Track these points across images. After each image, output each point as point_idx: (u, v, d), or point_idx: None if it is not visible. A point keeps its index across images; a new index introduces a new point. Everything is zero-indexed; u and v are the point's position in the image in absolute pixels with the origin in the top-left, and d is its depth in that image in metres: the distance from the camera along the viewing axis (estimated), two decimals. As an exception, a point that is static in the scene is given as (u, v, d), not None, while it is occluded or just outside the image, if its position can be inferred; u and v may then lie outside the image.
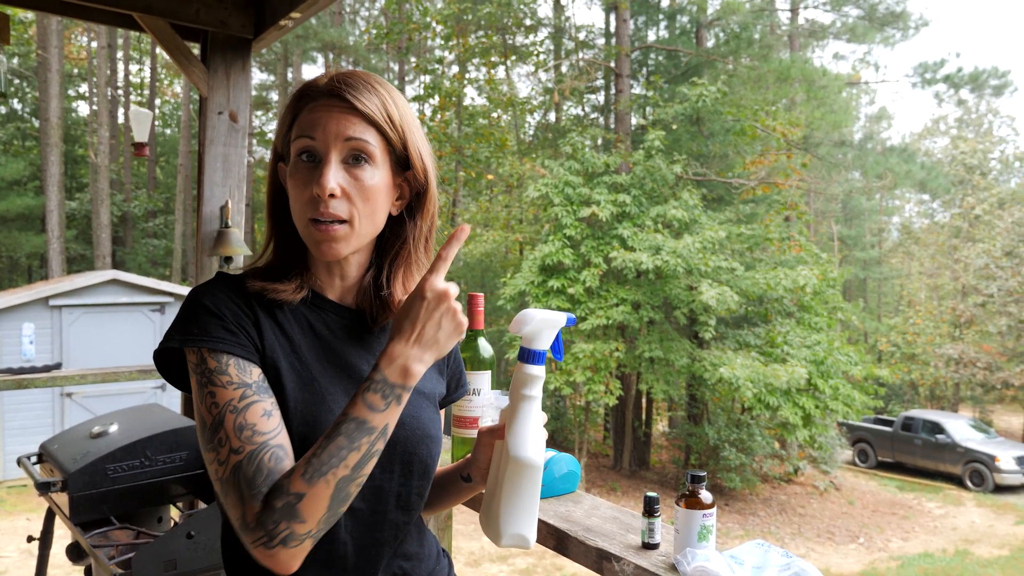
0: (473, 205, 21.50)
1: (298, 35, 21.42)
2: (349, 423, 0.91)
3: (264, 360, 1.00)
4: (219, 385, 0.94)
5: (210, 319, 0.98)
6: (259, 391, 0.96)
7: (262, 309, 1.03)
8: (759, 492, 14.52)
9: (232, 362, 0.96)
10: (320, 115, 0.99)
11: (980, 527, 13.38)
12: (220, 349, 0.96)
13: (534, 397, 1.02)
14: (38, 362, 9.72)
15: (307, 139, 1.00)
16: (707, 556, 1.08)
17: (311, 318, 1.08)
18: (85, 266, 21.74)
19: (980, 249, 24.28)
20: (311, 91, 1.02)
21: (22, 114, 24.63)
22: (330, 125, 0.99)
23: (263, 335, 1.01)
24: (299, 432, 0.99)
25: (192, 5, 3.02)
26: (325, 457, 0.89)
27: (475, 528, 10.28)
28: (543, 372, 1.03)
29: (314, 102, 1.01)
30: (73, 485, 2.25)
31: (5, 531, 8.02)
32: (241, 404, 0.93)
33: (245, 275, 1.06)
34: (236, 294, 1.02)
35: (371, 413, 0.91)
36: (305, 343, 1.05)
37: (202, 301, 0.99)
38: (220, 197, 3.29)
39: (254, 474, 0.89)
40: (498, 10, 17.45)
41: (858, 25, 19.29)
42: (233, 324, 0.98)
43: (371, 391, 0.92)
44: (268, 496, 0.88)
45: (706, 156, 15.48)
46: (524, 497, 1.01)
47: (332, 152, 0.99)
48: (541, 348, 1.03)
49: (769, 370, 12.15)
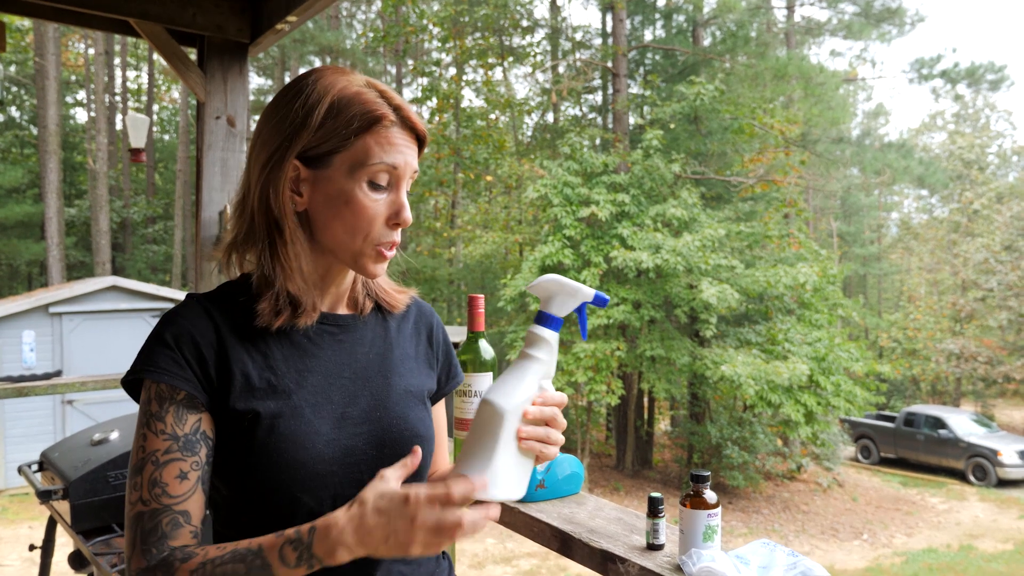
0: (472, 206, 21.50)
1: (295, 39, 21.43)
2: (256, 558, 0.89)
3: (230, 390, 1.00)
4: (152, 431, 0.97)
5: (164, 350, 0.99)
6: (184, 448, 0.97)
7: (232, 331, 1.03)
8: (762, 490, 14.51)
9: (172, 409, 0.98)
10: (400, 145, 1.02)
11: (984, 522, 13.37)
12: (165, 383, 0.98)
13: (534, 358, 0.98)
14: (39, 369, 9.71)
15: (391, 168, 1.02)
16: (712, 556, 1.08)
17: (288, 330, 1.06)
18: (85, 273, 21.75)
19: (979, 244, 24.30)
20: (384, 117, 1.01)
21: (20, 122, 24.64)
22: (410, 159, 1.04)
23: (230, 361, 1.00)
24: (277, 448, 0.98)
25: (188, 10, 3.02)
26: (219, 573, 0.89)
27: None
28: (551, 337, 0.99)
29: (389, 129, 1.01)
30: (75, 493, 2.24)
31: (7, 540, 8.01)
32: (163, 459, 0.96)
33: (218, 294, 1.07)
34: (201, 320, 1.02)
35: (280, 565, 0.88)
36: (281, 355, 1.04)
37: (161, 331, 1.01)
38: (219, 202, 3.28)
39: (150, 531, 0.94)
40: (494, 12, 17.46)
41: (854, 21, 19.30)
42: (185, 357, 0.99)
43: (292, 547, 0.88)
44: (157, 565, 0.92)
45: (704, 154, 15.48)
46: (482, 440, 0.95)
47: (403, 183, 1.05)
48: (553, 313, 1.00)
49: (770, 367, 12.14)
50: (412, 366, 1.18)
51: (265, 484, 0.98)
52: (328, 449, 1.01)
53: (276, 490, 0.98)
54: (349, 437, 1.04)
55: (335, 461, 1.01)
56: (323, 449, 1.01)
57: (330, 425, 1.03)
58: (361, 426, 1.05)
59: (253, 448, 0.98)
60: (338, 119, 1.00)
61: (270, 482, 0.98)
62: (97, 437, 2.47)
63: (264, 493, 0.99)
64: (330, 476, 1.01)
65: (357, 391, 1.08)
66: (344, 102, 1.00)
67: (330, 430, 1.02)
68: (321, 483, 1.00)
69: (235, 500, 1.02)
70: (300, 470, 0.98)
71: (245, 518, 1.01)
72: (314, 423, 1.01)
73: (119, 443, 2.42)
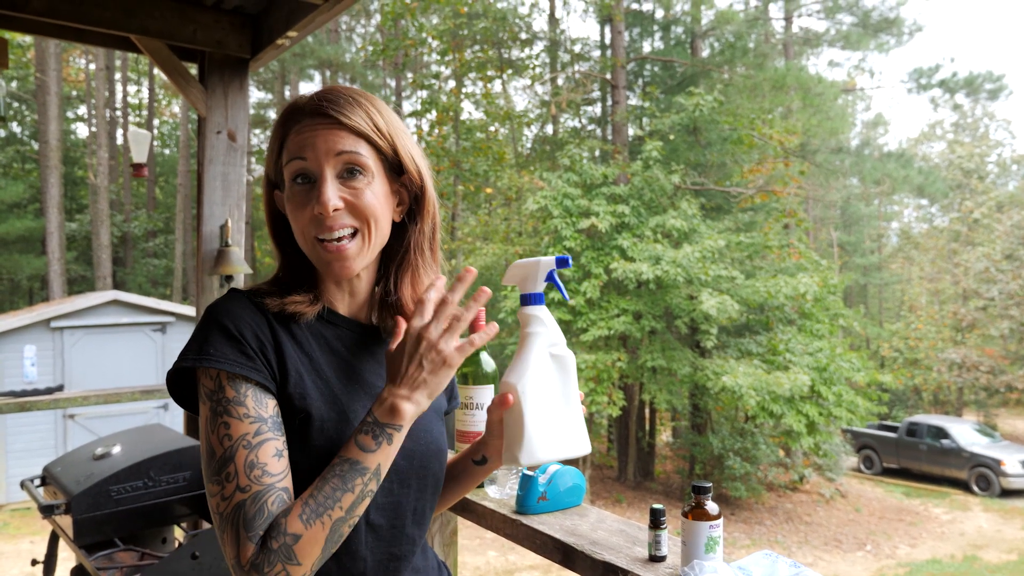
0: (472, 219, 21.51)
1: (295, 53, 21.51)
2: (343, 464, 0.92)
3: (286, 384, 0.99)
4: (235, 416, 0.93)
5: (228, 341, 0.96)
6: (273, 428, 0.95)
7: (280, 326, 1.02)
8: (765, 501, 14.46)
9: (250, 392, 0.95)
10: (307, 135, 0.99)
11: (988, 532, 13.32)
12: (238, 374, 0.94)
13: (534, 333, 1.08)
14: (40, 384, 9.71)
15: (299, 161, 0.99)
16: (715, 568, 1.08)
17: (327, 335, 1.07)
18: (86, 287, 21.76)
19: (980, 253, 24.30)
20: (295, 113, 1.02)
21: (21, 137, 24.71)
22: (319, 143, 0.99)
23: (284, 356, 1.00)
24: (324, 450, 0.98)
25: (189, 26, 3.04)
26: (321, 499, 0.90)
27: (480, 543, 10.23)
28: (538, 311, 1.09)
29: (299, 124, 1.01)
30: (77, 507, 2.24)
31: (8, 555, 7.99)
32: (255, 440, 0.92)
33: (260, 291, 1.05)
34: (255, 313, 1.01)
35: (363, 454, 0.92)
36: (324, 360, 1.05)
37: (221, 320, 0.98)
38: (220, 216, 3.29)
39: (255, 515, 0.89)
40: (493, 24, 17.53)
41: (852, 32, 19.37)
42: (251, 348, 0.97)
43: (363, 432, 0.94)
44: (265, 537, 0.88)
45: (704, 165, 15.51)
46: (512, 416, 1.05)
47: (326, 169, 0.99)
48: (531, 291, 1.10)
49: (772, 378, 12.12)
50: None
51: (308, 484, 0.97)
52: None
53: None
54: None
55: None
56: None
57: None
58: None
59: (304, 448, 0.98)
60: (272, 136, 1.05)
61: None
62: (99, 451, 2.47)
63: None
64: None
65: None
66: (276, 121, 1.06)
67: None
68: None
69: None
70: None
71: None
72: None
73: (121, 457, 2.42)
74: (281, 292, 1.05)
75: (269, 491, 0.90)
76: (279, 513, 0.90)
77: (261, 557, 0.87)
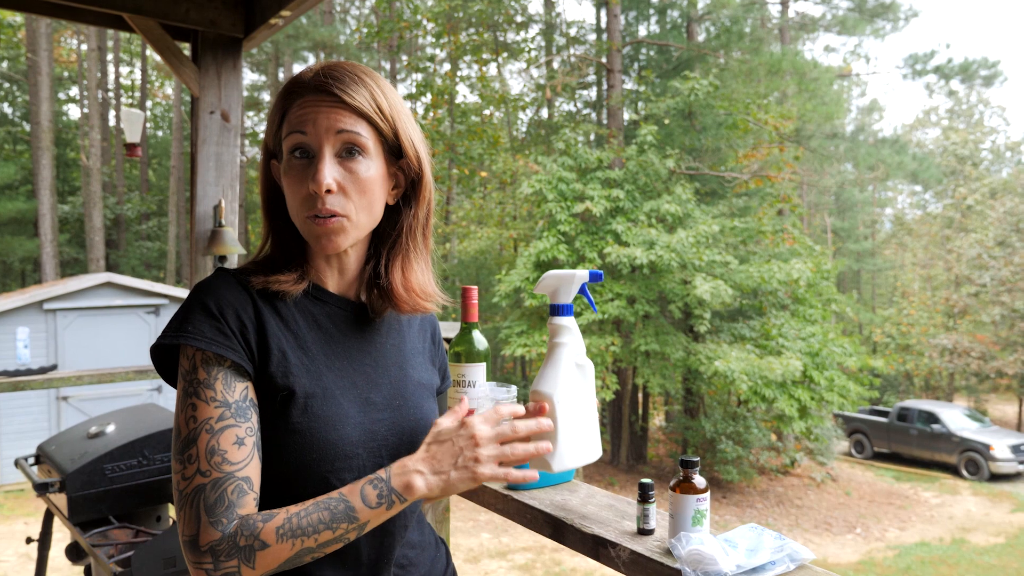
0: (467, 202, 21.50)
1: (288, 34, 21.36)
2: (341, 503, 0.94)
3: (267, 364, 1.00)
4: (202, 399, 0.95)
5: (208, 319, 0.97)
6: (237, 413, 0.96)
7: (265, 304, 1.03)
8: (756, 484, 14.56)
9: (221, 375, 0.96)
10: (309, 110, 0.99)
11: (976, 515, 13.45)
12: (213, 353, 0.96)
13: (563, 344, 1.15)
14: (33, 366, 9.66)
15: (299, 135, 0.99)
16: (701, 540, 1.10)
17: (314, 311, 1.08)
18: (79, 269, 21.71)
19: (973, 239, 24.37)
20: (298, 87, 1.02)
21: (12, 118, 24.53)
22: (320, 120, 0.99)
23: (267, 335, 1.01)
24: (308, 427, 0.99)
25: (182, 5, 3.02)
26: (304, 523, 0.92)
27: (473, 525, 10.30)
28: (568, 322, 1.16)
29: (302, 98, 1.01)
30: (71, 485, 2.26)
31: (3, 535, 8.01)
32: (218, 426, 0.94)
33: (246, 270, 1.06)
34: (238, 292, 1.02)
35: (363, 507, 0.94)
36: (311, 337, 1.06)
37: (203, 299, 0.99)
38: (213, 196, 3.29)
39: (215, 502, 0.92)
40: (489, 7, 17.43)
41: (848, 17, 19.33)
42: (230, 327, 0.98)
43: (372, 486, 0.95)
44: (235, 531, 0.91)
45: (699, 150, 15.50)
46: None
47: (325, 147, 0.99)
48: (563, 302, 1.16)
49: (764, 363, 12.17)
50: (421, 360, 1.21)
51: (296, 462, 0.99)
52: (355, 432, 1.03)
53: (306, 468, 1.00)
54: (372, 422, 1.06)
55: (360, 444, 1.03)
56: (351, 431, 1.03)
57: (356, 408, 1.05)
58: (383, 412, 1.08)
59: (286, 426, 0.99)
60: (273, 107, 1.05)
61: (300, 461, 0.99)
62: (94, 430, 2.48)
63: (295, 471, 1.00)
64: (356, 458, 1.03)
65: (378, 378, 1.10)
66: (279, 93, 1.06)
67: (356, 413, 1.04)
68: (347, 464, 1.02)
69: (264, 478, 1.02)
70: (330, 450, 1.00)
71: (272, 496, 1.01)
72: (343, 405, 1.03)
73: (115, 436, 2.43)
74: (267, 270, 1.06)
75: (228, 479, 0.93)
76: (259, 516, 0.92)
77: (223, 546, 0.90)
